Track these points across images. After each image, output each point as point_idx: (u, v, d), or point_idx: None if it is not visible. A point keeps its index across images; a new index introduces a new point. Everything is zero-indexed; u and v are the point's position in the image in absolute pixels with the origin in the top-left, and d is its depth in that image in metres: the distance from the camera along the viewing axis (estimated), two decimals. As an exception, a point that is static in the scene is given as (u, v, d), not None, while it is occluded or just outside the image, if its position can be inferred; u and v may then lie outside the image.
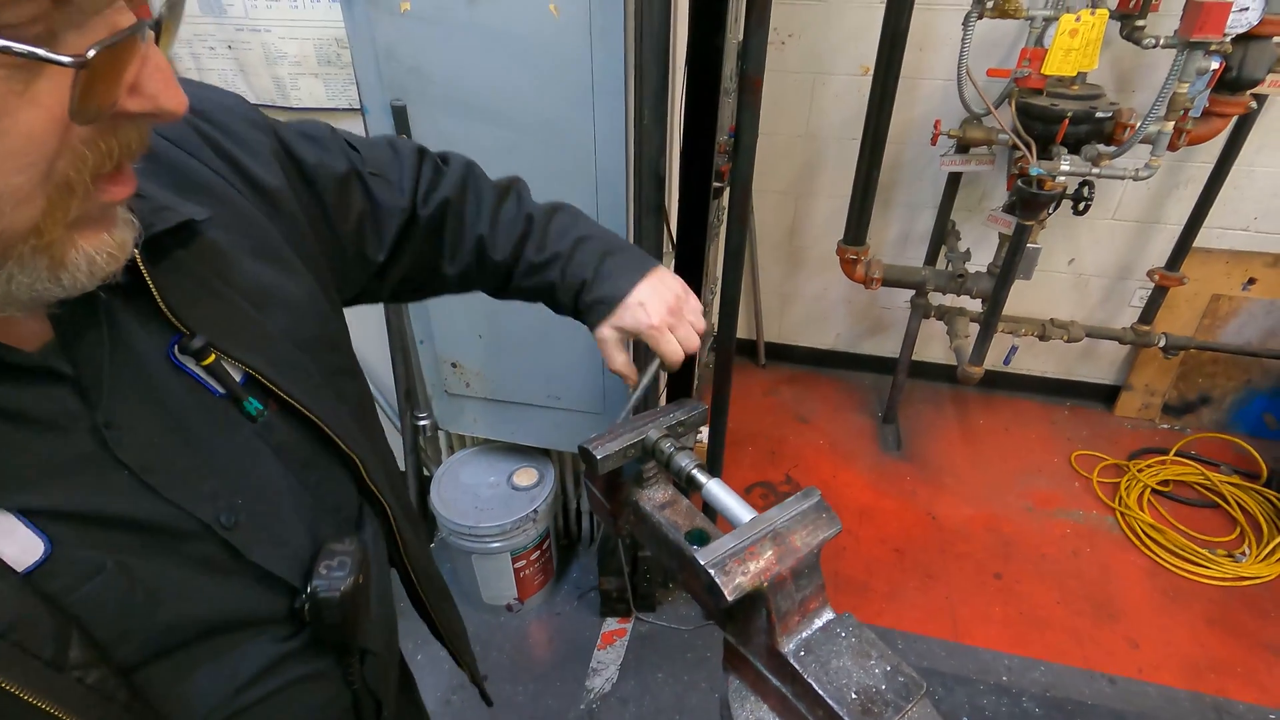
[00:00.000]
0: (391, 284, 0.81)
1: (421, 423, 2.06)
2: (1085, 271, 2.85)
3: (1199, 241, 2.57)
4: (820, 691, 0.60)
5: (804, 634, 0.66)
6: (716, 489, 0.70)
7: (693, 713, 1.93)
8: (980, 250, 2.72)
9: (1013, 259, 2.19)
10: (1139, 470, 2.71)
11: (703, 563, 0.62)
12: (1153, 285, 2.67)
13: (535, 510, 1.97)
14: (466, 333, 1.83)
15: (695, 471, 0.72)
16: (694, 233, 1.79)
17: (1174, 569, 2.36)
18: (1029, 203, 2.08)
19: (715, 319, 3.25)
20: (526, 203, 0.82)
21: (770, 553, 0.64)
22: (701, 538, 0.75)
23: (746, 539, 0.65)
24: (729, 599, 0.61)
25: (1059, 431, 3.01)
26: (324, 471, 0.61)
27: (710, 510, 0.77)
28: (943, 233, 2.76)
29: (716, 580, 0.61)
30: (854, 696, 0.60)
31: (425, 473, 2.29)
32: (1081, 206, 2.24)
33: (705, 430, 2.22)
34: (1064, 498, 2.67)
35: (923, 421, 3.07)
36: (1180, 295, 2.73)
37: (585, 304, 0.80)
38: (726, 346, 1.85)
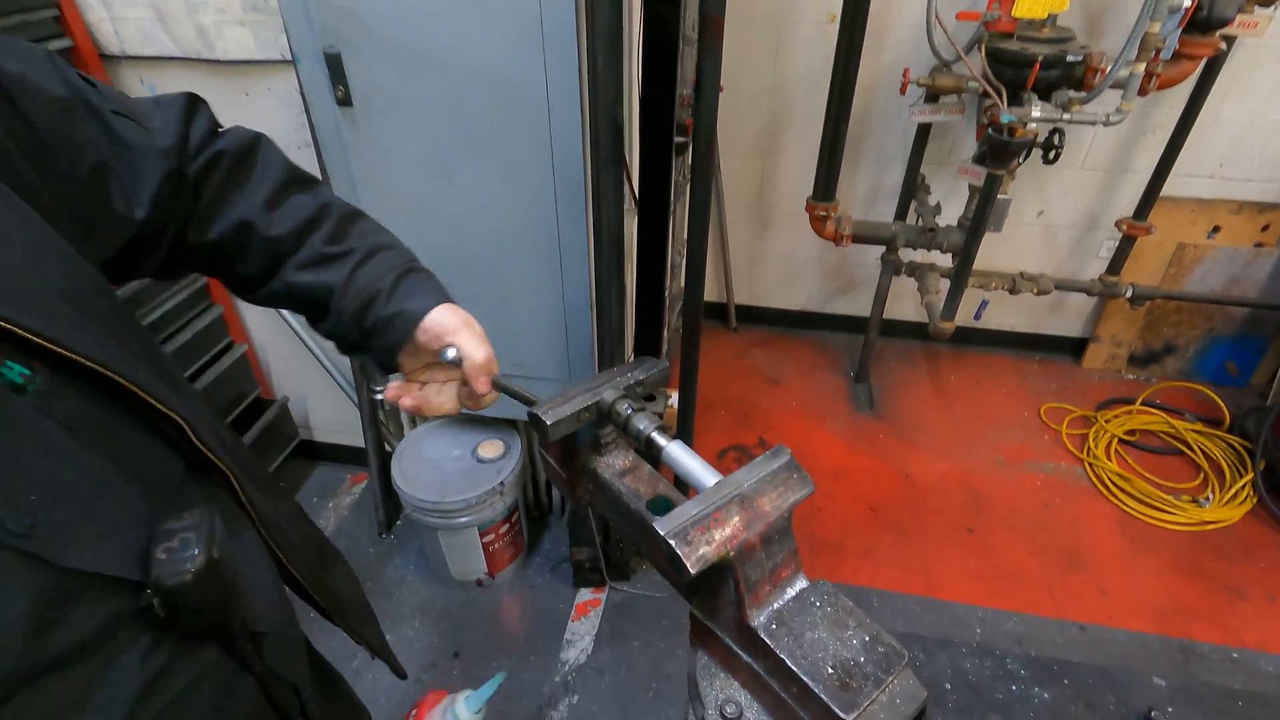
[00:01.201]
0: (158, 256, 0.67)
1: (379, 395, 1.97)
2: (1054, 223, 2.83)
3: (1166, 190, 2.56)
4: (794, 667, 0.55)
5: (775, 605, 0.61)
6: (677, 451, 0.64)
7: (670, 680, 1.91)
8: (950, 204, 2.68)
9: (983, 211, 2.15)
10: (1106, 421, 2.73)
11: (662, 533, 0.56)
12: (1120, 235, 2.66)
13: (502, 483, 1.90)
14: (421, 300, 1.73)
15: (655, 434, 0.65)
16: (657, 188, 1.71)
17: (1141, 516, 2.39)
18: (999, 151, 2.03)
19: (682, 281, 3.18)
20: (326, 194, 0.71)
21: (737, 518, 0.59)
22: (664, 506, 0.69)
23: (710, 505, 0.59)
24: (692, 571, 0.55)
25: (1029, 385, 3.02)
26: (136, 439, 0.50)
27: (680, 482, 0.70)
28: (913, 187, 2.71)
29: (678, 551, 0.55)
30: (830, 671, 0.55)
31: (387, 448, 2.20)
32: (1052, 155, 2.20)
33: (675, 395, 2.16)
34: (1034, 450, 2.68)
35: (895, 379, 3.06)
36: (1146, 245, 2.73)
37: (378, 318, 0.69)
38: (694, 310, 1.78)
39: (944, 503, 2.46)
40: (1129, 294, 2.70)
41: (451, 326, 0.70)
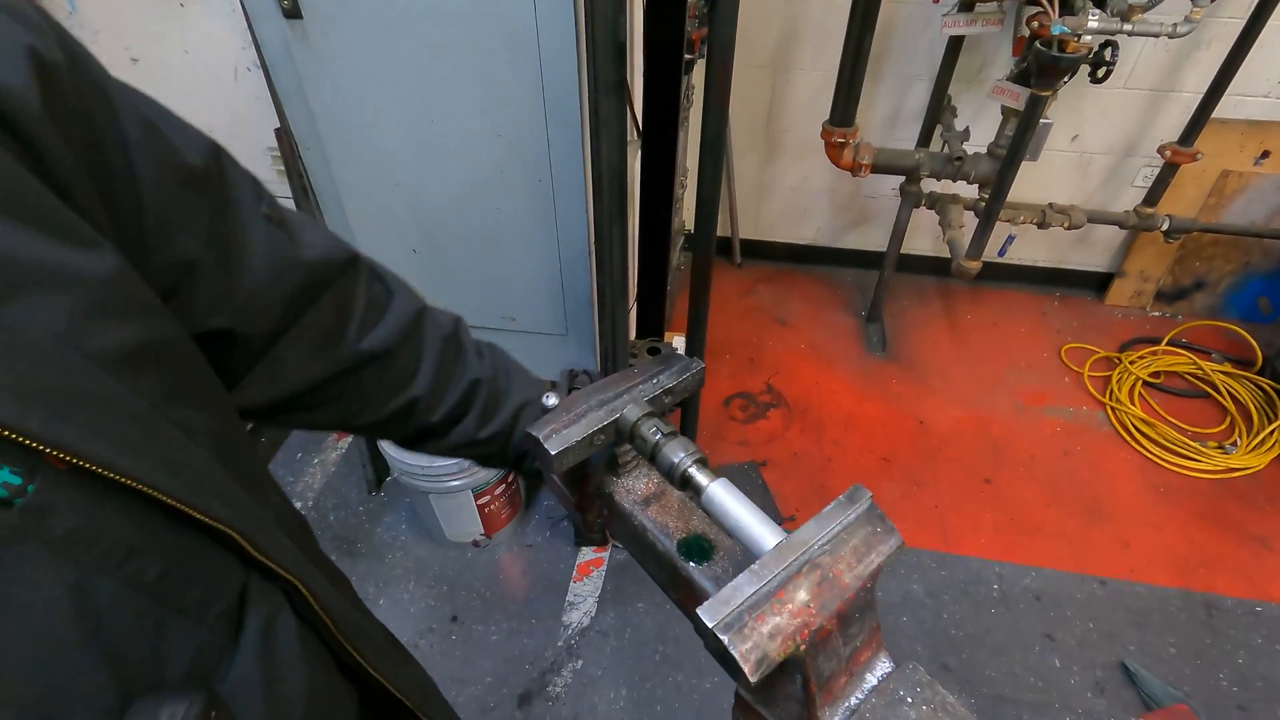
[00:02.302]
0: (275, 392, 0.55)
1: (358, 352, 1.80)
2: (1089, 149, 2.60)
3: (1215, 111, 2.33)
4: (887, 798, 0.42)
5: (853, 700, 0.47)
6: (723, 496, 0.49)
7: (677, 642, 1.84)
8: (979, 128, 2.44)
9: (1022, 137, 1.93)
10: (1130, 362, 2.60)
11: (710, 624, 0.42)
12: (1162, 163, 2.45)
13: (496, 444, 1.76)
14: (396, 247, 1.54)
15: (694, 471, 0.49)
16: (663, 116, 1.49)
17: (1164, 464, 2.30)
18: (1047, 69, 1.80)
19: (689, 215, 2.96)
20: (469, 358, 0.67)
21: (806, 596, 0.44)
22: (701, 548, 0.54)
23: (772, 579, 0.44)
24: (752, 679, 0.40)
25: (1049, 324, 2.87)
26: (174, 557, 0.37)
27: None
28: (938, 109, 2.47)
29: (732, 651, 0.41)
30: (936, 804, 0.42)
31: (372, 404, 2.05)
32: (1102, 72, 1.97)
33: (679, 341, 2.01)
34: (1054, 394, 2.56)
35: (908, 319, 2.90)
36: (1187, 173, 2.51)
37: (530, 470, 0.69)
38: (705, 250, 1.60)
39: (960, 451, 2.35)
40: (1165, 227, 2.51)
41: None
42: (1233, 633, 1.87)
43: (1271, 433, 2.33)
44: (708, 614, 0.42)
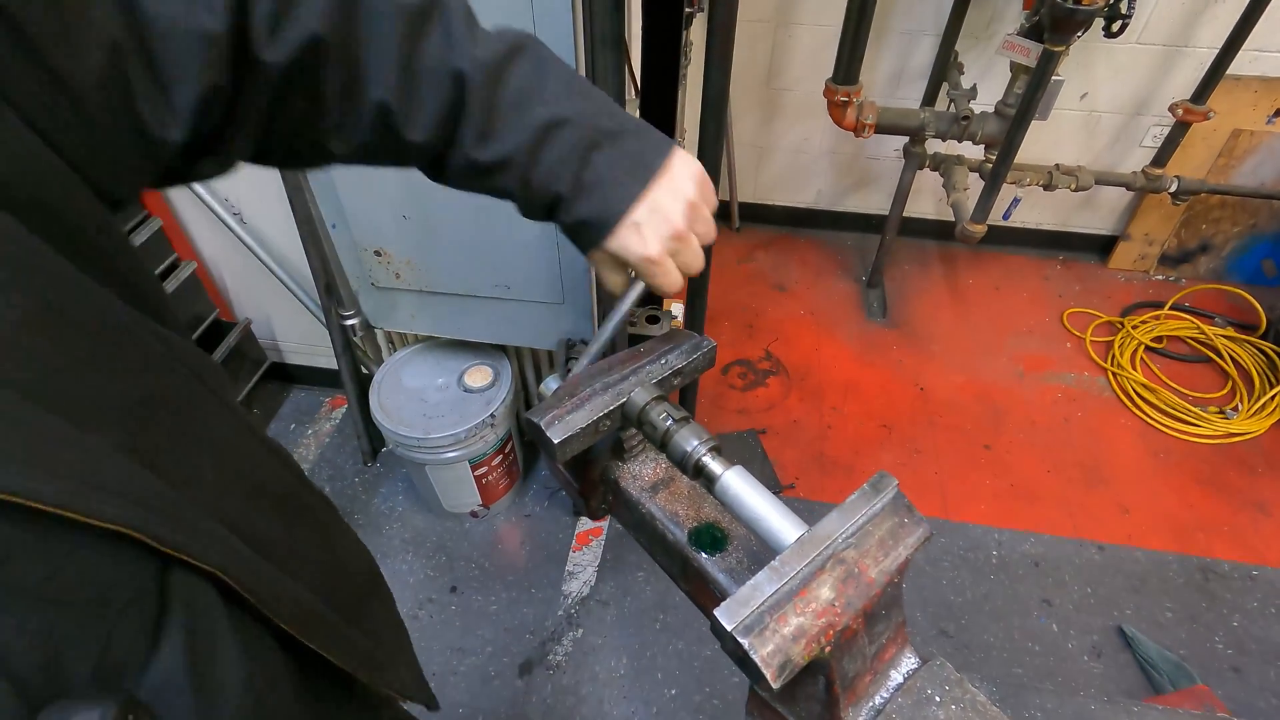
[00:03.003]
0: (231, 161, 0.50)
1: (349, 321, 1.76)
2: (1098, 108, 2.53)
3: (1230, 68, 2.26)
4: (916, 806, 0.39)
5: (878, 699, 0.44)
6: (740, 486, 0.45)
7: (677, 610, 1.84)
8: (986, 86, 2.37)
9: (1033, 95, 1.87)
10: (1133, 327, 2.57)
11: (729, 627, 0.39)
12: (1172, 122, 2.38)
13: (493, 414, 1.73)
14: (387, 213, 1.49)
15: (708, 460, 0.46)
16: (662, 73, 1.42)
17: (1165, 429, 2.29)
18: (1061, 23, 1.72)
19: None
20: (456, 39, 0.49)
21: (831, 594, 0.41)
22: (713, 538, 0.51)
23: (794, 577, 0.41)
24: (775, 685, 0.38)
25: (1051, 288, 2.83)
26: (59, 559, 0.33)
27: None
28: (945, 66, 2.39)
29: (753, 656, 0.38)
30: (968, 812, 0.39)
31: (365, 372, 2.02)
32: (1117, 26, 1.90)
33: (679, 307, 1.96)
34: (1056, 360, 2.54)
35: (909, 284, 2.86)
36: (1198, 132, 2.45)
37: (563, 223, 0.55)
38: (705, 217, 1.54)
39: (960, 418, 2.34)
40: (1173, 188, 2.46)
41: (633, 255, 0.53)
42: (1229, 596, 1.88)
43: (1273, 397, 2.32)
44: (726, 616, 0.39)
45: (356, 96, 0.48)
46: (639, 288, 0.55)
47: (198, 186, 1.75)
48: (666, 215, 0.52)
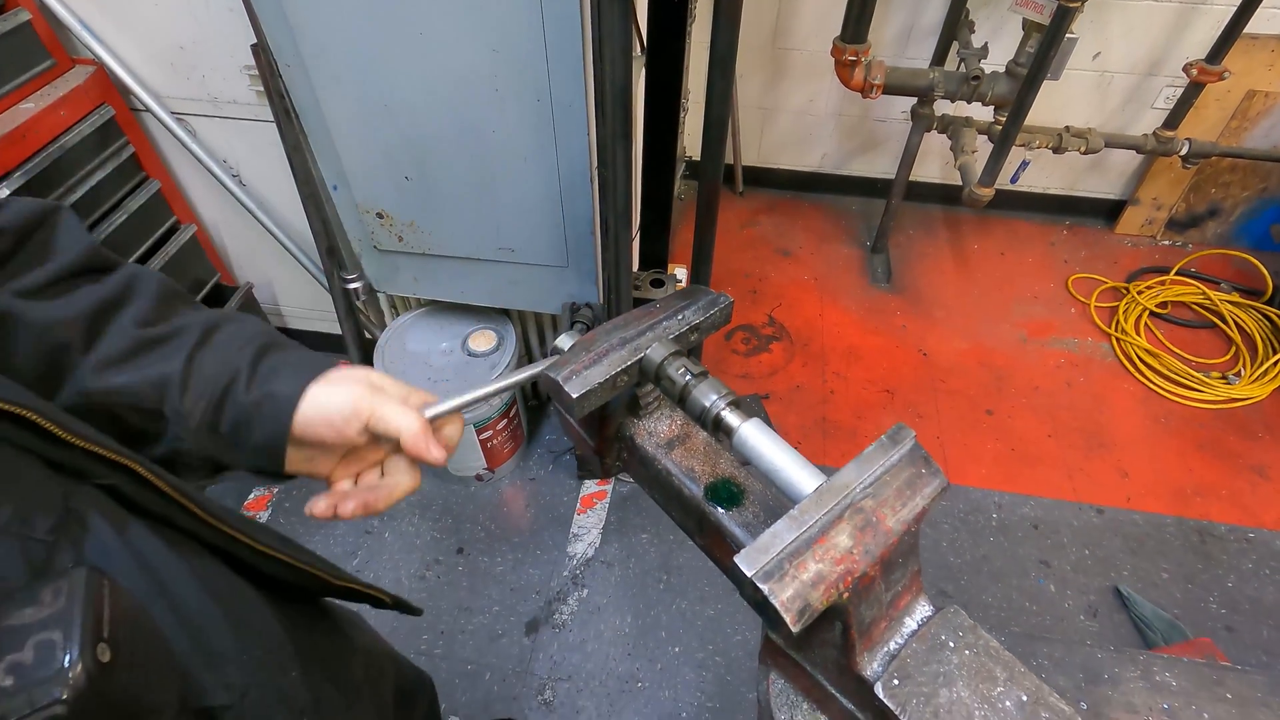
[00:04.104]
0: None
1: (351, 285, 1.75)
2: (1110, 68, 2.48)
3: (1248, 26, 2.21)
4: (930, 746, 0.40)
5: (893, 645, 0.45)
6: (758, 437, 0.46)
7: (680, 571, 1.87)
8: (997, 45, 2.32)
9: (1046, 53, 1.83)
10: (1138, 293, 2.56)
11: (749, 574, 0.39)
12: (1186, 83, 2.33)
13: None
14: (389, 175, 1.47)
15: (727, 413, 0.46)
16: (670, 29, 1.39)
17: (1167, 394, 2.29)
18: (1077, -22, 1.68)
19: (690, 140, 2.84)
20: (136, 271, 0.51)
21: (849, 542, 0.41)
22: (730, 494, 0.52)
23: (813, 525, 0.41)
24: (794, 629, 0.38)
25: (1056, 254, 2.81)
26: None
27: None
28: (955, 24, 2.33)
29: (773, 601, 0.38)
30: (981, 751, 0.40)
31: (369, 336, 2.01)
32: (1134, -18, 1.84)
33: (683, 272, 1.95)
34: (1059, 325, 2.53)
35: (913, 249, 2.84)
36: (1210, 93, 2.40)
37: (239, 411, 0.49)
38: (712, 177, 1.52)
39: (963, 383, 2.34)
40: (1184, 151, 2.42)
41: (348, 404, 0.50)
42: (1224, 558, 1.91)
43: (1275, 363, 2.32)
44: (746, 562, 0.39)
45: None
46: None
47: (194, 145, 1.73)
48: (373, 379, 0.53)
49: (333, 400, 0.50)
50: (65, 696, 0.28)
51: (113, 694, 0.30)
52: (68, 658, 0.28)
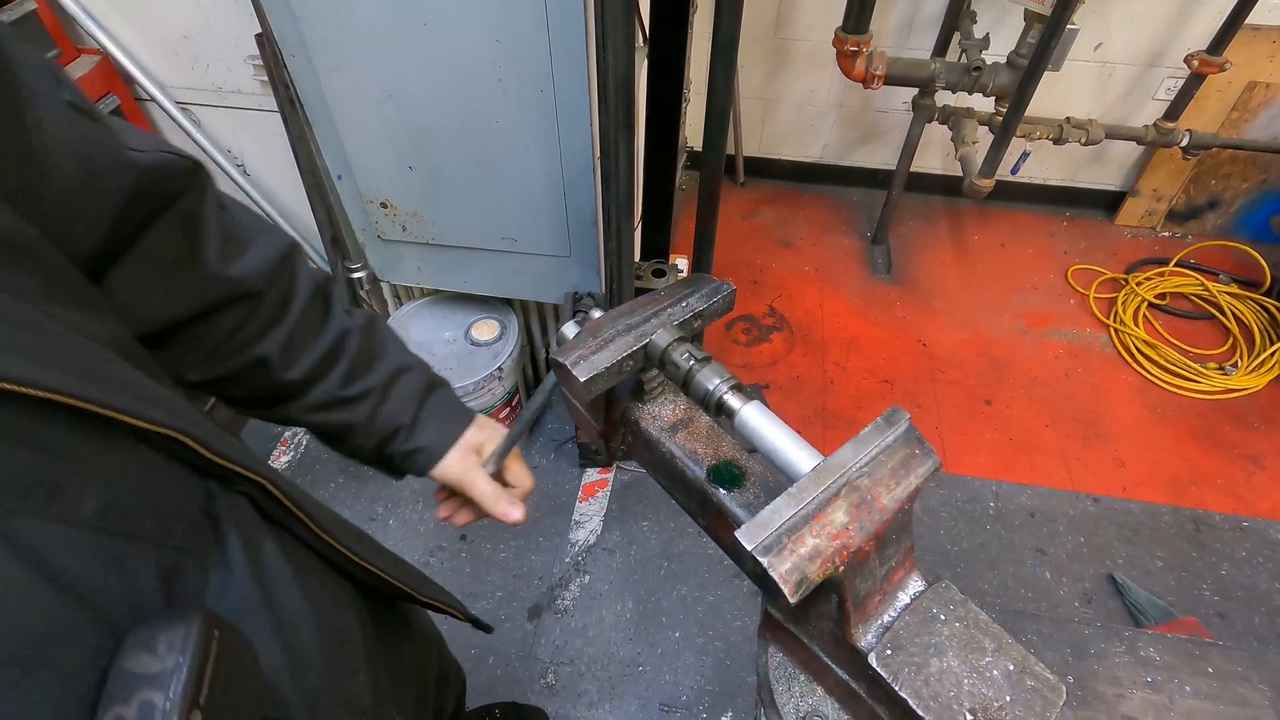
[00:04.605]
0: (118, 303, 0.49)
1: (355, 274, 1.76)
2: (1112, 59, 2.49)
3: (1250, 16, 2.21)
4: (921, 712, 0.42)
5: (886, 617, 0.47)
6: (758, 419, 0.47)
7: (681, 558, 1.89)
8: (999, 36, 2.32)
9: (1047, 44, 1.83)
10: (1137, 284, 2.58)
11: (749, 547, 0.41)
12: (1187, 74, 2.34)
13: (500, 368, 1.75)
14: (393, 165, 1.48)
15: (729, 397, 0.48)
16: (673, 19, 1.40)
17: (1164, 385, 2.31)
18: (1079, -31, 1.68)
19: (691, 131, 2.85)
20: (337, 310, 0.63)
21: (845, 517, 0.43)
22: (731, 476, 0.53)
23: (810, 502, 0.43)
24: (792, 600, 0.40)
25: (1056, 245, 2.82)
26: (111, 483, 0.33)
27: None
28: (957, 15, 2.33)
29: (772, 574, 0.40)
30: (969, 718, 0.42)
31: (372, 328, 2.03)
32: (1135, -27, 1.84)
33: (683, 263, 1.97)
34: (1058, 316, 2.55)
35: (914, 240, 2.85)
36: (1212, 84, 2.41)
37: (398, 450, 0.67)
38: (714, 167, 1.53)
39: (962, 374, 2.36)
40: (1184, 142, 2.43)
41: (457, 473, 0.70)
42: (1218, 546, 1.93)
43: (1272, 354, 2.34)
44: (746, 537, 0.41)
45: (246, 346, 0.56)
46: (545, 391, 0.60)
47: (199, 135, 1.74)
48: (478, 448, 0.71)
49: (449, 469, 0.68)
50: None
51: (231, 696, 0.31)
52: (179, 682, 0.29)
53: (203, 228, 0.50)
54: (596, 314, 0.55)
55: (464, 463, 0.69)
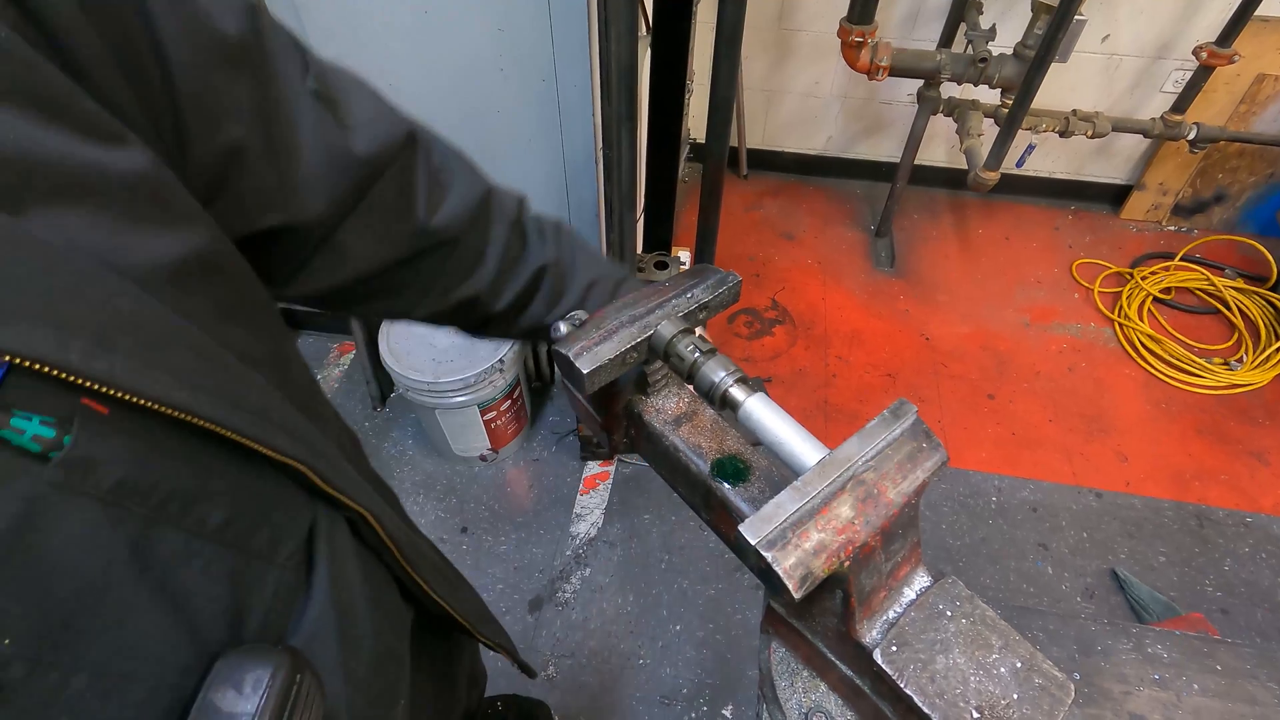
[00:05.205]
0: (312, 284, 0.50)
1: (358, 266, 1.75)
2: (1119, 51, 2.46)
3: (1259, 8, 2.18)
4: (926, 710, 0.42)
5: (892, 613, 0.47)
6: (762, 411, 0.47)
7: (682, 552, 1.89)
8: (1005, 27, 2.29)
9: (1055, 35, 1.81)
10: (1142, 278, 2.56)
11: (753, 542, 0.40)
12: (1195, 66, 2.32)
13: (501, 360, 1.75)
14: (394, 155, 1.47)
15: (734, 390, 0.47)
16: (675, 10, 1.38)
17: (1169, 380, 2.30)
18: (1087, -41, 1.66)
19: (694, 122, 2.83)
20: (533, 243, 0.62)
21: (850, 512, 0.42)
22: (736, 470, 0.53)
23: (815, 496, 0.42)
24: (796, 595, 0.40)
25: (1061, 239, 2.81)
26: (238, 499, 0.34)
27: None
28: (963, 6, 2.31)
29: (776, 569, 0.39)
30: (975, 716, 0.42)
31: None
32: (1145, -37, 1.82)
33: (686, 255, 1.96)
34: (1063, 311, 2.54)
35: (917, 233, 2.83)
36: (1220, 77, 2.39)
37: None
38: (717, 159, 1.53)
39: (965, 368, 2.35)
40: (1191, 135, 2.41)
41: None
42: (1221, 541, 1.93)
43: (1278, 349, 2.32)
44: (750, 531, 0.40)
45: (454, 286, 0.57)
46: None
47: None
48: None
49: None
50: None
51: None
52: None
53: (414, 188, 0.51)
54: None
55: None
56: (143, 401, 0.27)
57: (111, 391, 0.26)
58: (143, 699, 0.28)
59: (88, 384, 0.26)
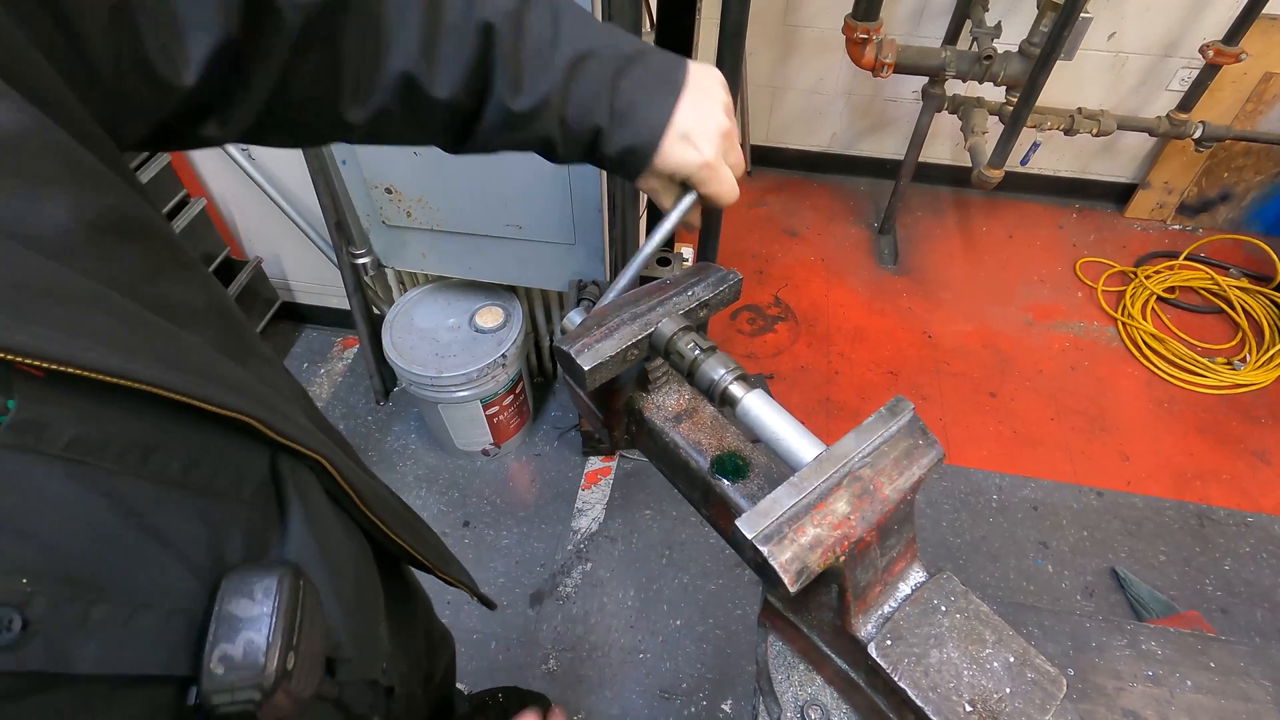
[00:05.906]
0: (237, 125, 0.47)
1: (360, 260, 1.76)
2: (1125, 49, 2.45)
3: (1267, 6, 2.17)
4: (920, 703, 0.42)
5: (887, 608, 0.47)
6: (760, 407, 0.47)
7: (683, 547, 1.90)
8: (1010, 24, 2.29)
9: (1060, 33, 1.81)
10: (1146, 277, 2.56)
11: (750, 536, 0.41)
12: (1202, 64, 2.31)
13: (504, 355, 1.75)
14: (398, 150, 1.47)
15: (734, 387, 0.48)
16: (679, 5, 1.38)
17: (1171, 379, 2.30)
18: (1094, -44, 1.65)
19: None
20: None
21: (846, 507, 0.43)
22: (735, 467, 0.53)
23: (811, 491, 0.43)
24: (792, 589, 0.40)
25: (1065, 237, 2.80)
26: (193, 443, 0.36)
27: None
28: (968, 3, 2.30)
29: (772, 563, 0.40)
30: (968, 709, 0.42)
31: (376, 312, 2.03)
32: (1151, -39, 1.82)
33: (689, 252, 1.96)
34: (1065, 309, 2.53)
35: (921, 231, 2.83)
36: (1226, 75, 2.38)
37: (608, 157, 0.54)
38: (719, 157, 1.52)
39: (967, 365, 2.35)
40: (1197, 134, 2.40)
41: (688, 166, 0.54)
42: (1222, 541, 1.93)
43: (1281, 349, 2.32)
44: (747, 525, 0.41)
45: (378, 56, 0.47)
46: (691, 198, 0.56)
47: (205, 121, 1.73)
48: (706, 118, 0.53)
49: (677, 160, 0.53)
50: (258, 698, 0.32)
51: (289, 693, 0.34)
52: (266, 661, 0.32)
53: None
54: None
55: (682, 154, 0.53)
56: (77, 370, 0.28)
57: (42, 363, 0.27)
58: (161, 622, 0.31)
59: (13, 358, 0.27)
